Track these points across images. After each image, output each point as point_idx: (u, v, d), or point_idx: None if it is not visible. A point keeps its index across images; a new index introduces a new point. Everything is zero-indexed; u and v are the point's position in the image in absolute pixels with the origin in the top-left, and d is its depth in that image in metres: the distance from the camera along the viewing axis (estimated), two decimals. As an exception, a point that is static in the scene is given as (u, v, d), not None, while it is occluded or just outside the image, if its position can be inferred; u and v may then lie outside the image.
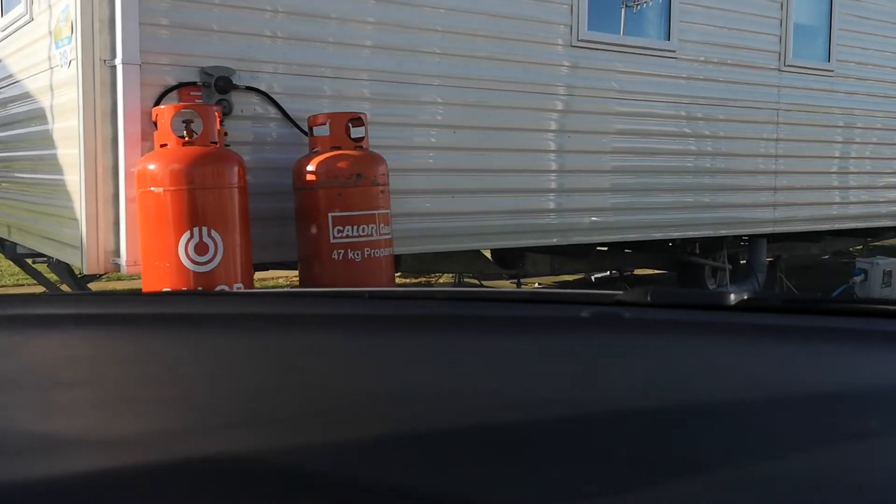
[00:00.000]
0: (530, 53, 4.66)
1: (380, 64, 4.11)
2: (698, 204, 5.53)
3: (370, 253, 3.50)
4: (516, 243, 4.94)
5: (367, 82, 4.06)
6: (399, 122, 4.21)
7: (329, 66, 3.95)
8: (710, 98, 5.50)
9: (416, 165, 4.30)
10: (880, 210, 6.71)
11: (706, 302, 1.10)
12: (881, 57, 6.56)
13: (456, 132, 4.42)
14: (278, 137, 3.87)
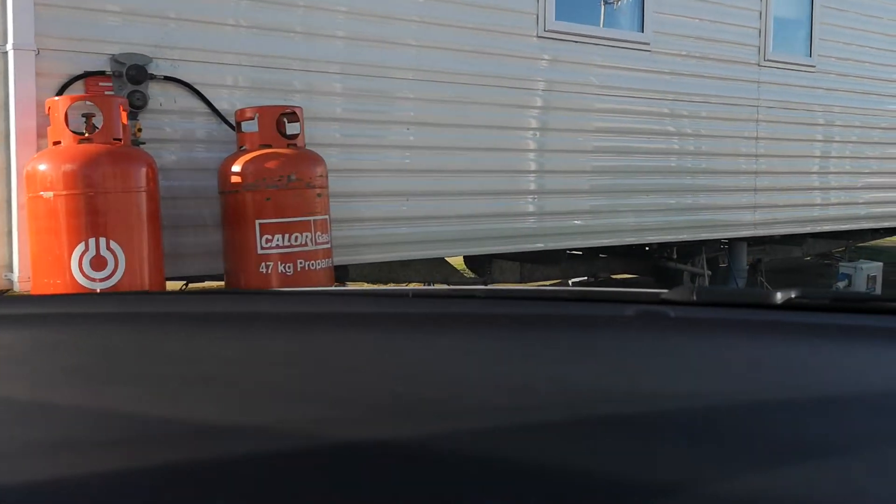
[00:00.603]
0: (494, 44, 4.27)
1: (321, 53, 3.70)
2: (675, 206, 5.17)
3: (304, 265, 3.09)
4: (479, 250, 4.55)
5: (302, 73, 3.64)
6: (344, 117, 3.80)
7: (262, 55, 3.53)
8: (686, 94, 5.14)
9: (365, 165, 3.89)
10: (859, 212, 6.39)
11: (753, 300, 1.08)
12: (863, 52, 6.23)
13: (410, 129, 4.02)
14: (206, 134, 3.44)
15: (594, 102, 4.70)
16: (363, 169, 3.88)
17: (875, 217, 6.54)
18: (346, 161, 3.79)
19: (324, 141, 3.69)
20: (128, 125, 2.92)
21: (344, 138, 3.80)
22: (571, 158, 4.67)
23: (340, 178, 3.75)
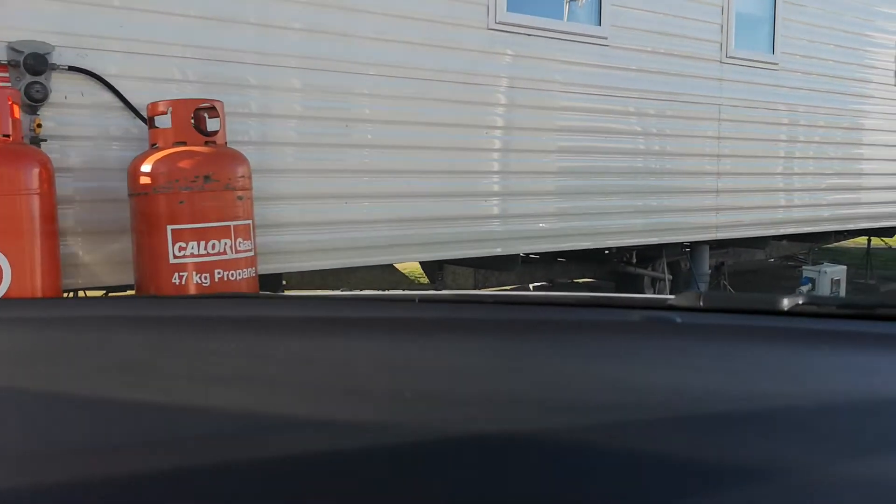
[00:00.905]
0: (442, 36, 4.01)
1: (250, 43, 3.41)
2: (634, 208, 4.95)
3: (223, 275, 2.80)
4: (432, 256, 4.28)
5: (228, 64, 3.36)
6: (275, 113, 3.52)
7: (179, 44, 3.23)
8: (645, 91, 4.92)
9: (298, 165, 3.60)
10: (823, 214, 6.23)
11: (759, 306, 1.06)
12: (826, 50, 6.07)
13: (349, 126, 3.74)
14: (123, 132, 3.14)
15: (548, 99, 4.47)
16: (295, 169, 3.59)
17: (839, 219, 6.39)
18: (277, 161, 3.51)
19: (248, 139, 3.41)
20: (19, 119, 2.61)
21: (275, 136, 3.51)
22: (525, 158, 4.43)
23: (270, 178, 3.47)
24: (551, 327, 0.98)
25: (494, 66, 4.21)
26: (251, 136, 3.40)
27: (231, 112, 3.16)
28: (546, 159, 4.52)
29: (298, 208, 3.61)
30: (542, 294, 1.69)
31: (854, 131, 6.39)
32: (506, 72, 4.27)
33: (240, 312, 1.08)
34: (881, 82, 6.52)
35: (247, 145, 3.25)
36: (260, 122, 3.45)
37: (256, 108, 3.44)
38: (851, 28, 6.24)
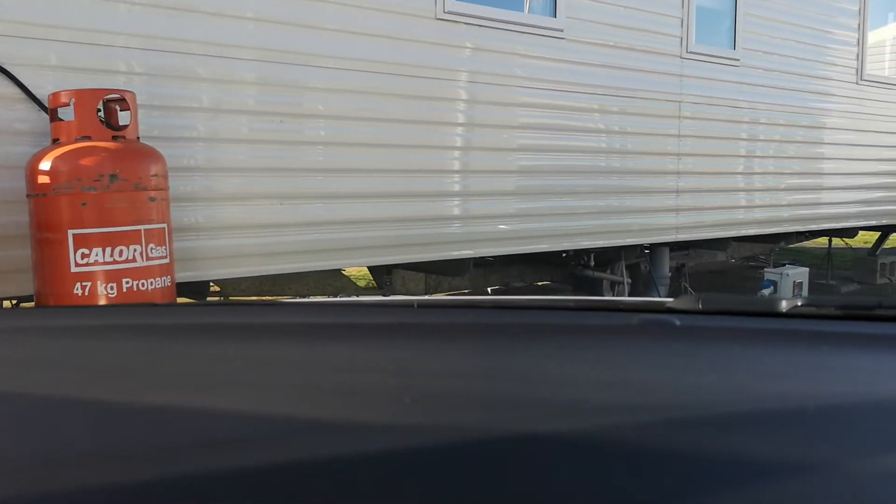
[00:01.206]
0: (388, 27, 3.75)
1: (159, 28, 3.12)
2: (591, 209, 4.73)
3: (133, 285, 2.52)
4: (377, 260, 4.02)
5: (140, 51, 3.06)
6: (195, 106, 3.22)
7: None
8: (603, 87, 4.71)
9: (222, 163, 3.32)
10: (784, 214, 6.08)
11: (758, 309, 1.07)
12: (788, 46, 5.92)
13: (283, 121, 3.46)
14: (25, 125, 2.83)
15: (501, 94, 4.23)
16: (222, 167, 3.31)
17: (801, 219, 6.25)
18: (199, 158, 3.22)
19: (172, 135, 3.12)
20: None
21: (199, 131, 3.22)
22: (476, 157, 4.19)
23: (193, 177, 3.18)
24: (550, 331, 0.97)
25: (443, 58, 3.96)
26: (187, 132, 3.10)
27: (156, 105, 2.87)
28: (500, 158, 4.29)
29: (225, 210, 3.33)
30: (541, 298, 1.63)
31: (816, 130, 6.26)
32: (455, 65, 4.02)
33: (237, 319, 1.07)
34: (843, 80, 6.40)
35: (179, 142, 2.96)
36: (196, 116, 3.15)
37: (190, 102, 3.14)
38: (814, 24, 6.10)
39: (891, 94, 6.90)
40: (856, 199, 6.70)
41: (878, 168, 6.85)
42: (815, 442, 0.55)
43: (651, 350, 0.86)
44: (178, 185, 3.14)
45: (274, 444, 0.55)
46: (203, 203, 3.25)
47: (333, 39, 3.56)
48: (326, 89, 3.57)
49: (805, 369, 0.77)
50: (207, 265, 3.30)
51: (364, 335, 0.95)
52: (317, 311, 1.21)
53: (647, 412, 0.62)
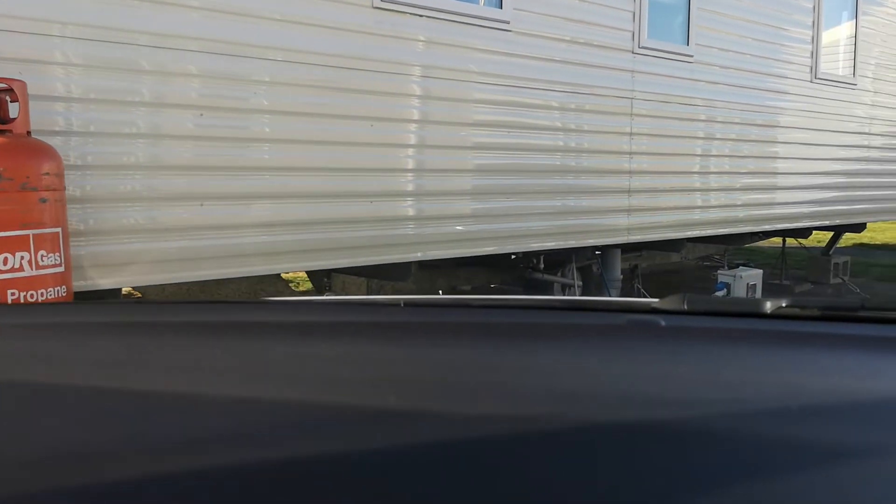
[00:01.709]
0: (319, 14, 3.51)
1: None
2: (539, 210, 4.54)
3: (19, 296, 2.25)
4: (311, 265, 3.77)
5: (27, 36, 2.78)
6: (99, 97, 2.95)
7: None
8: (551, 82, 4.52)
9: (133, 161, 3.05)
10: (739, 214, 5.96)
11: (743, 309, 1.08)
12: (743, 43, 5.80)
13: (204, 115, 3.21)
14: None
15: (442, 88, 4.01)
16: (137, 166, 3.04)
17: (755, 220, 6.14)
18: (106, 156, 2.95)
19: (77, 129, 2.85)
20: None
21: (104, 125, 2.95)
22: (414, 154, 3.97)
23: (101, 176, 2.91)
24: (537, 331, 0.97)
25: (380, 50, 3.73)
26: (94, 126, 2.82)
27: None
28: (444, 156, 4.07)
29: (139, 212, 3.06)
30: (528, 298, 1.68)
31: (770, 129, 6.15)
32: (394, 57, 3.79)
33: (225, 318, 1.06)
34: (798, 78, 6.31)
35: (86, 138, 2.68)
36: (100, 110, 2.87)
37: (94, 94, 2.86)
38: (768, 21, 5.99)
39: (844, 94, 6.84)
40: (810, 198, 6.62)
41: (832, 168, 6.78)
42: (798, 443, 0.55)
43: (637, 350, 0.86)
44: (83, 184, 2.87)
45: (256, 444, 0.54)
46: (113, 204, 2.98)
47: (261, 28, 3.31)
48: (254, 80, 3.32)
49: (789, 369, 0.77)
50: (120, 272, 3.03)
51: (350, 334, 0.95)
52: (302, 309, 1.20)
53: (633, 410, 0.62)
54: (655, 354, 0.84)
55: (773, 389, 0.69)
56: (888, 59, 7.30)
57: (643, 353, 0.84)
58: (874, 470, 0.51)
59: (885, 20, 7.23)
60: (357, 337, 0.93)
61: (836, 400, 0.66)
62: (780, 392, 0.68)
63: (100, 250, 2.94)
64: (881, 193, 7.40)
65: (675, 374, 0.75)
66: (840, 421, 0.60)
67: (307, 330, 0.98)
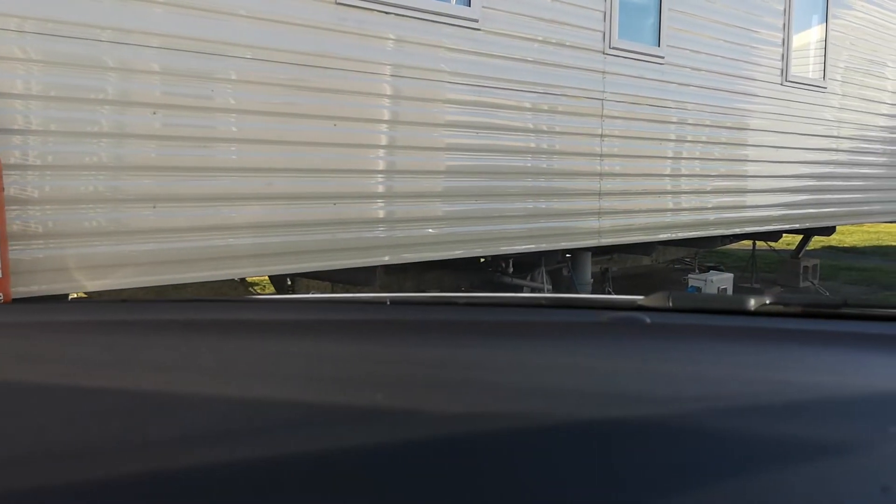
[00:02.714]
0: (281, 11, 3.38)
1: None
2: (508, 213, 4.45)
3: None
4: (271, 270, 3.64)
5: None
6: (35, 93, 2.80)
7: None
8: (521, 82, 4.43)
9: (81, 161, 2.90)
10: (710, 217, 5.92)
11: (727, 306, 1.08)
12: (714, 45, 5.75)
13: (157, 113, 3.07)
14: None
15: (408, 88, 3.90)
16: (90, 165, 2.89)
17: (726, 223, 6.10)
18: (52, 155, 2.80)
19: (26, 126, 2.70)
20: None
21: (39, 121, 2.80)
22: (377, 155, 3.85)
23: (45, 176, 2.77)
24: (523, 328, 0.97)
25: (344, 47, 3.61)
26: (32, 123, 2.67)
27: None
28: (410, 157, 3.96)
29: (93, 213, 2.92)
30: (514, 296, 1.67)
31: (741, 131, 6.12)
32: (358, 55, 3.67)
33: (211, 316, 1.05)
34: (768, 81, 6.28)
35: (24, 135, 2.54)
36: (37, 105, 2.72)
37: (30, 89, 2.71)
38: (739, 22, 5.95)
39: (815, 97, 6.83)
40: (780, 201, 6.59)
41: (802, 171, 6.77)
42: (782, 439, 0.55)
43: (622, 347, 0.86)
44: (28, 184, 2.72)
45: (243, 442, 0.54)
46: (62, 206, 2.83)
47: (217, 24, 3.18)
48: (211, 78, 3.18)
49: (772, 365, 0.78)
50: (67, 277, 2.88)
51: (336, 332, 0.94)
52: (287, 308, 1.19)
53: (619, 407, 0.62)
54: (641, 351, 0.84)
55: (757, 386, 0.69)
56: (857, 63, 7.32)
57: (629, 350, 0.84)
58: (858, 465, 0.51)
59: (854, 24, 7.24)
60: (343, 335, 0.93)
61: (819, 396, 0.66)
62: (765, 388, 0.69)
63: (44, 255, 2.79)
64: (850, 197, 7.41)
65: (661, 371, 0.75)
66: (824, 416, 0.60)
67: (293, 328, 0.97)
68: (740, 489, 0.47)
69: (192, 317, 1.05)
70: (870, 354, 0.84)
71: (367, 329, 0.97)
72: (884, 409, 0.64)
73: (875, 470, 0.51)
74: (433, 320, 1.03)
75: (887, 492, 0.47)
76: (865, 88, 7.47)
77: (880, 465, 0.52)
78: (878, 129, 7.70)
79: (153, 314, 1.08)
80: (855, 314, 1.00)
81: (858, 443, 0.55)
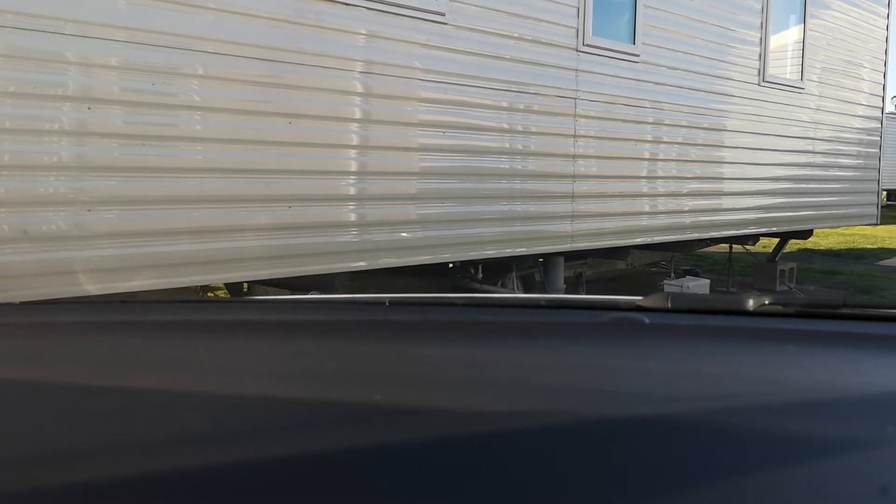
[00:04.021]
0: (237, 3, 3.15)
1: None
2: (477, 216, 4.24)
3: None
4: (214, 278, 3.41)
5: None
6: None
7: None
8: (490, 79, 4.22)
9: (20, 161, 2.66)
10: (685, 220, 5.75)
11: (726, 307, 1.07)
12: (690, 43, 5.59)
13: (92, 109, 2.82)
14: None
15: (369, 84, 3.68)
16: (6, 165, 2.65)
17: (701, 226, 5.94)
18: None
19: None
20: None
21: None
22: (341, 156, 3.63)
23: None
24: (521, 329, 0.97)
25: (295, 40, 3.39)
26: None
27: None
28: (371, 157, 3.74)
29: (16, 218, 2.67)
30: (513, 296, 1.62)
31: (717, 132, 5.96)
32: (316, 48, 3.45)
33: (209, 317, 1.05)
34: (745, 81, 6.13)
35: None
36: None
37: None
38: (717, 21, 5.80)
39: (792, 98, 6.69)
40: (758, 204, 6.45)
41: (779, 173, 6.63)
42: (778, 435, 0.55)
43: (621, 347, 0.86)
44: None
45: (241, 444, 0.54)
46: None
47: (166, 12, 2.94)
48: (148, 70, 2.94)
49: (771, 366, 0.78)
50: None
51: (335, 333, 0.93)
52: (287, 308, 1.18)
53: (618, 406, 0.62)
54: (640, 352, 0.84)
55: (755, 386, 0.69)
56: (834, 64, 7.20)
57: (628, 351, 0.84)
58: (857, 465, 0.51)
59: (832, 24, 7.12)
60: (342, 335, 0.92)
61: (818, 396, 0.66)
62: (763, 388, 0.68)
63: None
64: (827, 199, 7.29)
65: (660, 371, 0.75)
66: (822, 417, 0.60)
67: (292, 328, 0.97)
68: (738, 489, 0.46)
69: (191, 318, 1.05)
70: (868, 355, 0.84)
71: (366, 329, 0.96)
72: (882, 410, 0.64)
73: (874, 471, 0.51)
74: (432, 321, 1.02)
75: (886, 492, 0.47)
76: (842, 90, 7.36)
77: (879, 465, 0.52)
78: (854, 131, 7.60)
79: (152, 315, 1.07)
80: (853, 315, 0.99)
81: (857, 443, 0.55)
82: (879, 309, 1.02)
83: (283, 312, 1.13)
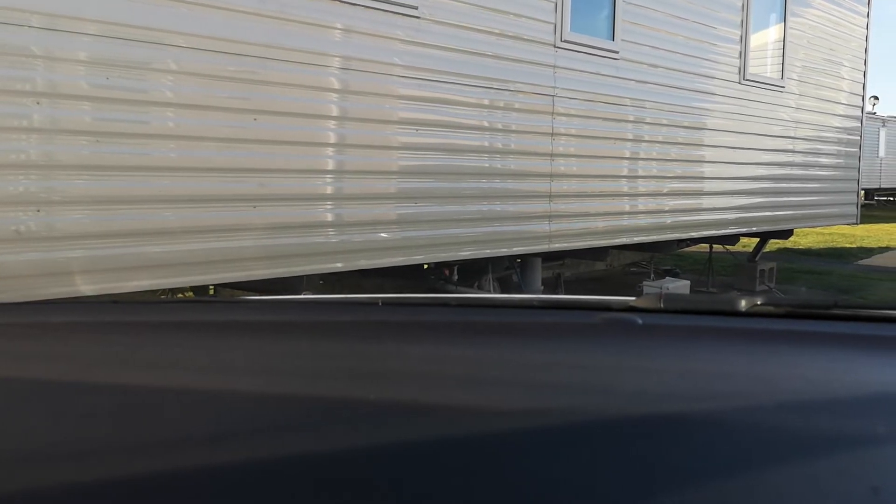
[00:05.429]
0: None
1: None
2: (452, 216, 4.12)
3: None
4: (175, 282, 3.26)
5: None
6: None
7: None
8: (465, 75, 4.10)
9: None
10: (666, 220, 5.66)
11: (718, 307, 1.08)
12: (670, 40, 5.49)
13: (41, 103, 2.67)
14: None
15: (337, 80, 3.55)
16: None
17: (682, 226, 5.85)
18: None
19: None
20: None
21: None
22: (310, 154, 3.50)
23: None
24: (514, 329, 0.98)
25: (266, 34, 3.25)
26: None
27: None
28: (341, 155, 3.61)
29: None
30: (506, 297, 1.58)
31: (698, 131, 5.87)
32: (281, 42, 3.31)
33: (204, 317, 1.05)
34: (726, 79, 6.05)
35: None
36: None
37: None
38: (697, 18, 5.71)
39: (772, 96, 6.63)
40: (738, 204, 6.37)
41: (759, 172, 6.56)
42: (770, 435, 0.55)
43: (615, 347, 0.86)
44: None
45: (234, 445, 0.53)
46: None
47: (114, 4, 2.79)
48: (106, 64, 2.79)
49: (763, 366, 0.78)
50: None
51: (328, 333, 0.93)
52: (281, 308, 1.18)
53: (610, 410, 0.61)
54: (633, 352, 0.84)
55: (748, 385, 0.69)
56: (815, 62, 7.14)
57: (621, 351, 0.84)
58: (848, 465, 0.51)
59: (813, 23, 7.06)
60: (336, 335, 0.92)
61: (810, 396, 0.66)
62: (755, 388, 0.69)
63: None
64: (806, 199, 7.24)
65: (653, 371, 0.75)
66: (814, 417, 0.60)
67: (286, 328, 0.97)
68: (731, 488, 0.47)
69: (187, 318, 1.05)
70: (860, 355, 0.84)
71: (360, 329, 0.96)
72: (874, 410, 0.64)
73: (865, 470, 0.51)
74: (425, 321, 1.03)
75: (877, 492, 0.47)
76: (822, 89, 7.30)
77: (870, 465, 0.52)
78: (834, 130, 7.55)
79: (144, 315, 1.07)
80: (845, 315, 1.00)
81: (849, 443, 0.55)
82: (870, 310, 1.03)
83: (277, 312, 1.13)
